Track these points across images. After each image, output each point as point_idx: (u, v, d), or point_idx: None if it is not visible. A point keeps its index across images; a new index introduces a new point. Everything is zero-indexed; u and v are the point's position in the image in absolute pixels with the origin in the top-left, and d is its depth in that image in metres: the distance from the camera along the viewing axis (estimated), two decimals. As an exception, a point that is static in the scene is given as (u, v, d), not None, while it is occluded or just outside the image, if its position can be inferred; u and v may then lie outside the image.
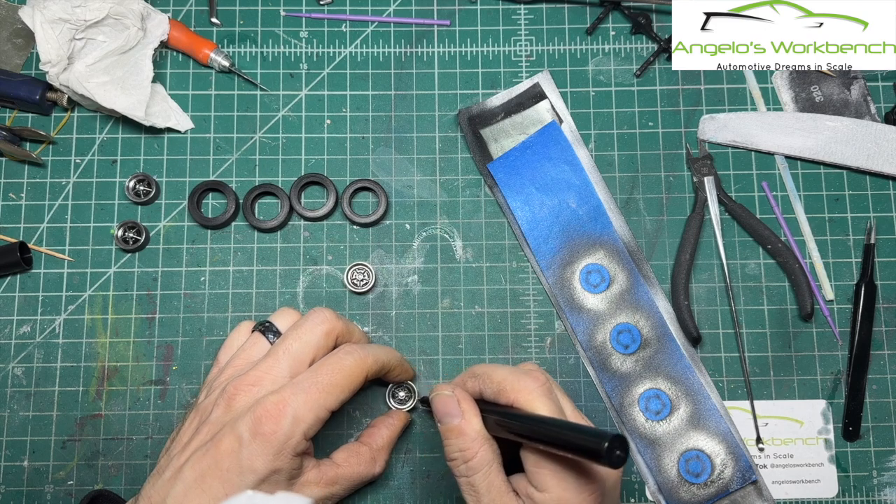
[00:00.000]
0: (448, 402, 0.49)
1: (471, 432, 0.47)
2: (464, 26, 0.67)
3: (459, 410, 0.48)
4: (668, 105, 0.66)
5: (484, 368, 0.50)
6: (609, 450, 0.39)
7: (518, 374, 0.48)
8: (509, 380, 0.47)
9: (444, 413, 0.49)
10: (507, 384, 0.47)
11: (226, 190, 0.64)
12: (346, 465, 0.54)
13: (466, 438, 0.47)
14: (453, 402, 0.48)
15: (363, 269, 0.63)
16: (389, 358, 0.55)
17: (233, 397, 0.49)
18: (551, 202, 0.64)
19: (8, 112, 0.66)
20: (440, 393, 0.50)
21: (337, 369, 0.50)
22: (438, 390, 0.50)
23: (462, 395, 0.49)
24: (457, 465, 0.48)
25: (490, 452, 0.47)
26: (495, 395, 0.48)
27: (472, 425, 0.48)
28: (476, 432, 0.47)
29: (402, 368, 0.57)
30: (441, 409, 0.49)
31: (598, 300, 0.62)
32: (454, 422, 0.48)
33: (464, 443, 0.47)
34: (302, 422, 0.47)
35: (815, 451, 0.61)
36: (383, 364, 0.54)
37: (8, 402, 0.61)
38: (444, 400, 0.49)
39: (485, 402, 0.49)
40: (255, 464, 0.47)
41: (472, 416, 0.48)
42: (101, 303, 0.63)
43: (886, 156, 0.64)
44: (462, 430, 0.48)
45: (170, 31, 0.65)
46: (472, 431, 0.47)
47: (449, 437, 0.48)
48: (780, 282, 0.63)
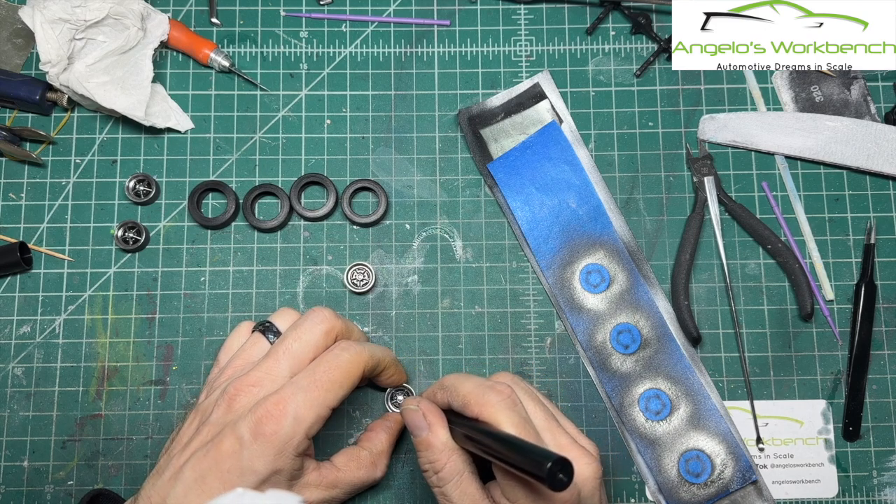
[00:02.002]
0: (414, 415, 0.50)
1: (437, 444, 0.49)
2: (464, 26, 0.67)
3: (426, 423, 0.49)
4: (668, 105, 0.66)
5: (452, 380, 0.51)
6: (551, 472, 0.40)
7: (483, 388, 0.48)
8: (474, 393, 0.48)
9: (413, 426, 0.50)
10: (471, 398, 0.48)
11: (226, 190, 0.64)
12: (346, 468, 0.54)
13: (434, 450, 0.48)
14: (419, 416, 0.50)
15: (363, 269, 0.63)
16: (384, 356, 0.55)
17: (233, 398, 0.49)
18: (551, 202, 0.64)
19: (8, 112, 0.66)
20: (407, 407, 0.51)
21: (334, 366, 0.50)
22: (406, 404, 0.51)
23: (427, 407, 0.50)
24: (429, 476, 0.49)
25: (459, 462, 0.48)
26: (461, 407, 0.49)
27: (438, 437, 0.49)
28: (443, 444, 0.49)
29: (396, 370, 0.57)
30: (410, 423, 0.50)
31: (598, 300, 0.62)
32: (422, 434, 0.49)
33: (432, 454, 0.48)
34: (303, 421, 0.47)
35: (815, 451, 0.61)
36: (379, 360, 0.54)
37: (8, 402, 0.61)
38: (410, 414, 0.50)
39: (455, 414, 0.50)
40: (256, 465, 0.47)
41: (438, 429, 0.49)
42: (101, 303, 0.63)
43: (886, 156, 0.64)
44: (429, 443, 0.49)
45: (170, 31, 0.65)
46: (438, 443, 0.49)
47: (419, 449, 0.50)
48: (780, 282, 0.63)
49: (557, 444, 0.49)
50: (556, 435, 0.49)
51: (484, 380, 0.50)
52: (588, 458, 0.48)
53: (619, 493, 0.60)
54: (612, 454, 0.61)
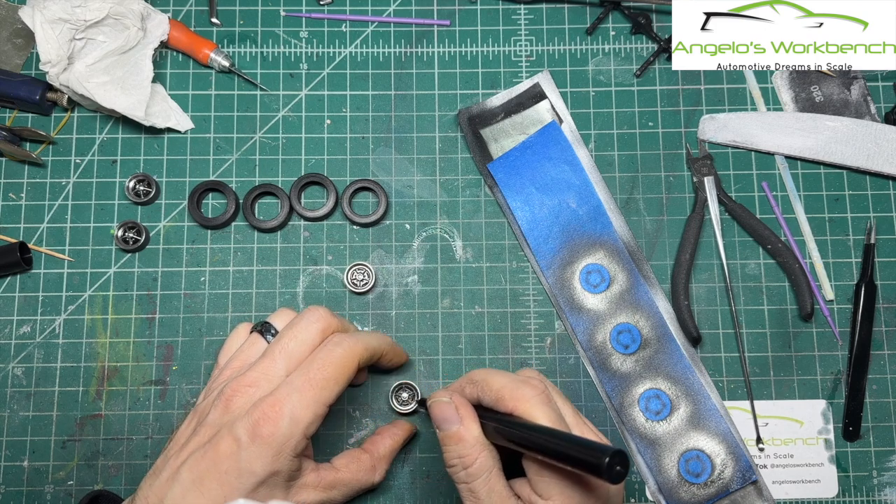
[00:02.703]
0: (446, 408, 0.48)
1: (469, 439, 0.47)
2: (464, 26, 0.67)
3: (458, 417, 0.48)
4: (668, 105, 0.66)
5: (483, 374, 0.49)
6: (609, 465, 0.39)
7: (517, 382, 0.48)
8: (508, 387, 0.47)
9: (442, 419, 0.48)
10: (505, 392, 0.47)
11: (226, 190, 0.64)
12: (345, 470, 0.54)
13: (465, 445, 0.47)
14: (451, 409, 0.48)
15: (363, 269, 0.63)
16: (380, 343, 0.54)
17: (230, 399, 0.49)
18: (551, 202, 0.64)
19: (8, 112, 0.66)
20: (438, 399, 0.49)
21: (328, 362, 0.49)
22: (436, 396, 0.50)
23: (460, 401, 0.49)
24: (456, 471, 0.48)
25: (490, 458, 0.47)
26: (494, 402, 0.48)
27: (470, 432, 0.47)
28: (475, 439, 0.47)
29: (395, 352, 0.57)
30: (439, 416, 0.49)
31: (598, 300, 0.62)
32: (452, 428, 0.48)
33: (463, 449, 0.47)
34: (301, 421, 0.47)
35: (815, 451, 0.61)
36: (374, 350, 0.53)
37: (8, 402, 0.61)
38: (441, 406, 0.49)
39: (483, 409, 0.49)
40: (253, 466, 0.46)
41: (470, 423, 0.48)
42: (101, 303, 0.63)
43: (886, 156, 0.64)
44: (461, 437, 0.47)
45: (170, 31, 0.65)
46: (470, 438, 0.47)
47: (448, 443, 0.48)
48: (780, 282, 0.63)
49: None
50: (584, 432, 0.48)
51: (514, 375, 0.49)
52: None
53: (619, 493, 0.60)
54: (612, 454, 0.61)
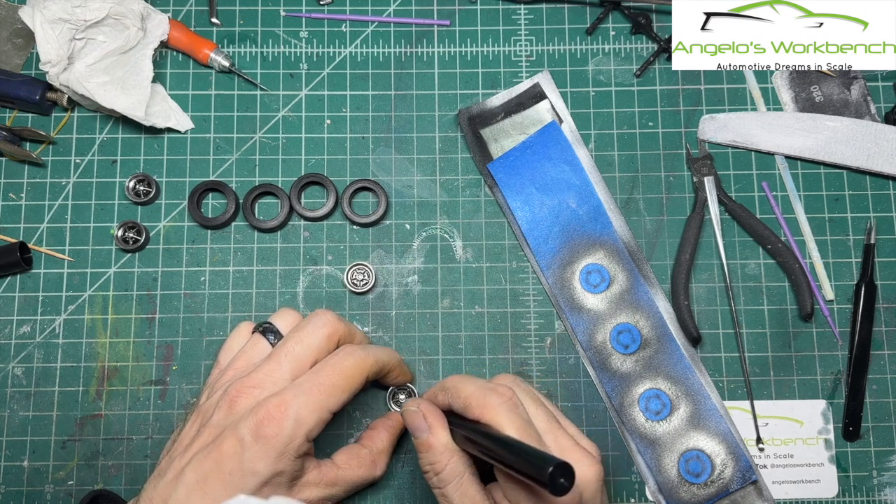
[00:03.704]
0: (415, 417, 0.50)
1: (438, 446, 0.48)
2: (464, 26, 0.67)
3: (426, 425, 0.49)
4: (668, 105, 0.66)
5: (454, 381, 0.50)
6: (552, 477, 0.40)
7: (484, 390, 0.48)
8: (475, 395, 0.48)
9: (413, 428, 0.50)
10: (472, 400, 0.48)
11: (226, 190, 0.64)
12: (346, 467, 0.54)
13: (434, 452, 0.48)
14: (419, 417, 0.50)
15: (363, 269, 0.63)
16: (389, 359, 0.55)
17: (234, 400, 0.49)
18: (551, 202, 0.64)
19: (8, 112, 0.66)
20: (407, 409, 0.51)
21: (338, 370, 0.50)
22: (406, 406, 0.51)
23: (427, 409, 0.50)
24: (429, 477, 0.49)
25: (460, 464, 0.48)
26: (462, 410, 0.49)
27: (438, 439, 0.49)
28: (443, 445, 0.48)
29: (401, 370, 0.57)
30: (410, 425, 0.50)
31: (598, 300, 0.62)
32: (423, 436, 0.49)
33: (432, 456, 0.48)
34: (304, 424, 0.47)
35: (815, 451, 0.61)
36: (383, 365, 0.54)
37: (8, 402, 0.61)
38: (410, 415, 0.50)
39: (456, 416, 0.50)
40: (257, 466, 0.47)
41: (438, 430, 0.49)
42: (101, 303, 0.63)
43: (886, 156, 0.64)
44: (430, 444, 0.49)
45: (170, 31, 0.65)
46: (438, 445, 0.48)
47: (420, 450, 0.50)
48: (780, 282, 0.63)
49: (559, 447, 0.49)
50: (558, 437, 0.49)
51: (486, 382, 0.50)
52: (589, 459, 0.48)
53: (619, 493, 0.60)
54: (612, 454, 0.61)
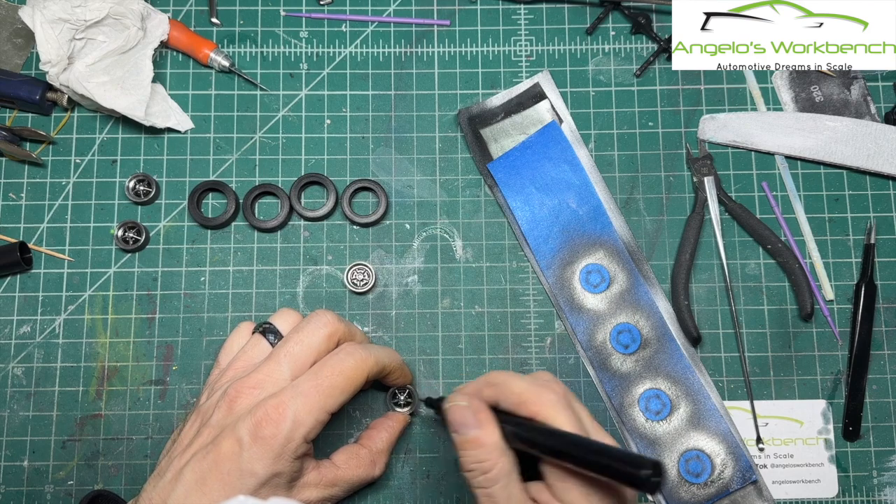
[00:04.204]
0: (464, 412, 0.47)
1: (489, 443, 0.45)
2: (464, 26, 0.67)
3: (476, 421, 0.46)
4: (668, 105, 0.66)
5: (502, 377, 0.48)
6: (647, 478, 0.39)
7: (538, 386, 0.46)
8: (530, 391, 0.46)
9: (460, 423, 0.47)
10: (527, 396, 0.46)
11: (226, 190, 0.64)
12: (345, 467, 0.54)
13: (484, 450, 0.45)
14: (469, 413, 0.46)
15: (363, 269, 0.63)
16: (391, 360, 0.54)
17: (234, 400, 0.49)
18: (551, 202, 0.64)
19: (8, 112, 0.66)
20: (456, 403, 0.47)
21: (338, 371, 0.49)
22: (454, 399, 0.48)
23: (479, 405, 0.47)
24: (474, 476, 0.46)
25: (509, 463, 0.46)
26: (514, 406, 0.47)
27: (490, 436, 0.46)
28: (494, 443, 0.46)
29: (402, 372, 0.57)
30: (457, 420, 0.47)
31: (598, 300, 0.62)
32: (470, 433, 0.46)
33: (482, 454, 0.46)
34: (302, 425, 0.47)
35: (815, 451, 0.61)
36: (384, 366, 0.53)
37: (8, 402, 0.61)
38: (460, 410, 0.47)
39: (500, 412, 0.48)
40: (255, 467, 0.46)
41: (490, 427, 0.46)
42: (101, 303, 0.63)
43: (886, 156, 0.64)
44: (480, 442, 0.46)
45: (170, 31, 0.65)
46: (490, 443, 0.45)
47: (466, 447, 0.46)
48: (780, 282, 0.63)
49: None
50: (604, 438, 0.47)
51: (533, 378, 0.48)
52: None
53: (619, 493, 0.60)
54: (612, 454, 0.61)
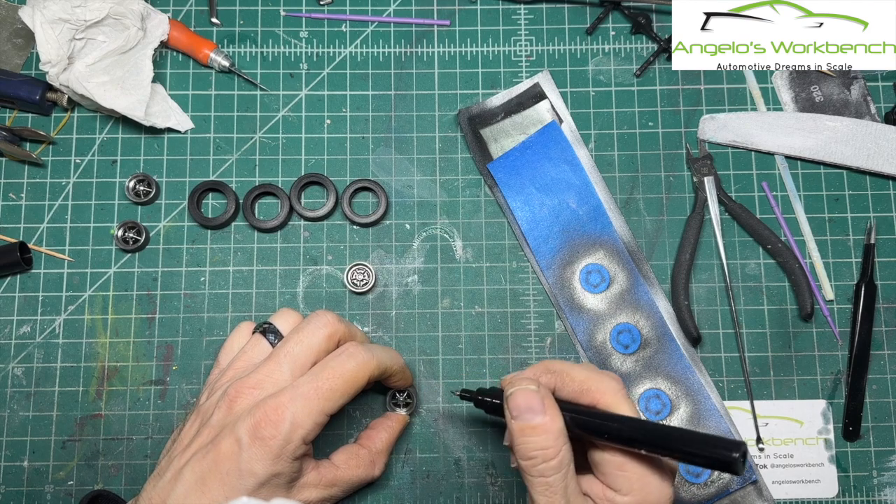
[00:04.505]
0: (532, 397, 0.46)
1: (555, 430, 0.45)
2: (464, 26, 0.67)
3: (542, 406, 0.45)
4: (668, 105, 0.66)
5: (561, 365, 0.48)
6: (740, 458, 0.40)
7: (600, 374, 0.47)
8: (593, 379, 0.46)
9: (525, 409, 0.45)
10: (590, 384, 0.46)
11: (226, 190, 0.64)
12: (345, 467, 0.54)
13: (549, 436, 0.45)
14: (537, 398, 0.45)
15: (363, 269, 0.63)
16: (392, 362, 0.54)
17: (234, 400, 0.49)
18: (551, 202, 0.64)
19: (8, 112, 0.66)
20: (523, 387, 0.46)
21: (338, 373, 0.49)
22: (519, 384, 0.47)
23: (545, 391, 0.46)
24: (535, 464, 0.45)
25: (569, 452, 0.45)
26: (576, 394, 0.46)
27: (556, 423, 0.45)
28: (559, 430, 0.45)
29: (403, 374, 0.56)
30: (522, 405, 0.46)
31: (598, 300, 0.62)
32: (536, 419, 0.45)
33: (546, 440, 0.45)
34: (301, 427, 0.47)
35: (815, 451, 0.61)
36: (386, 368, 0.53)
37: (8, 402, 0.61)
38: (527, 395, 0.46)
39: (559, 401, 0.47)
40: (254, 467, 0.46)
41: (555, 413, 0.45)
42: (101, 303, 0.63)
43: (886, 156, 0.64)
44: (546, 428, 0.45)
45: (170, 31, 0.65)
46: (555, 429, 0.45)
47: (528, 434, 0.45)
48: (780, 282, 0.63)
49: None
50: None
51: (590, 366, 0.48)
52: None
53: (619, 493, 0.60)
54: (612, 454, 0.61)
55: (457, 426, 0.61)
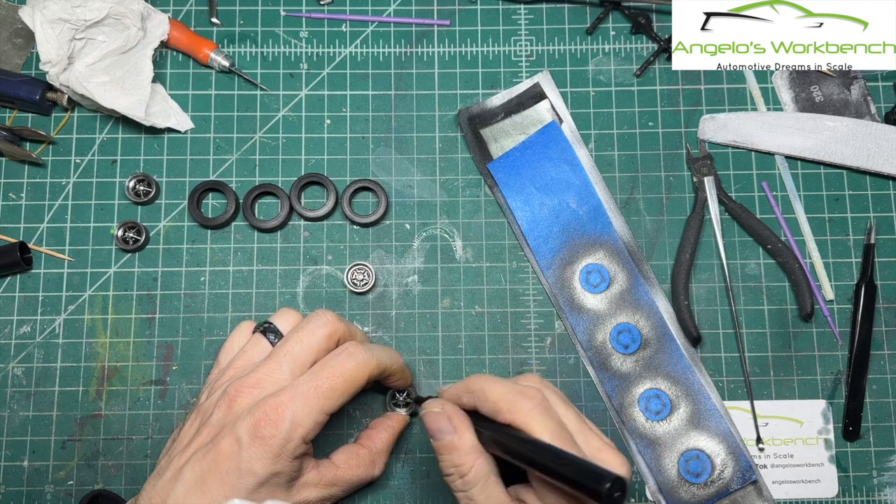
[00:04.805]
0: (438, 418, 0.48)
1: (464, 447, 0.47)
2: (464, 26, 0.67)
3: (451, 427, 0.48)
4: (668, 105, 0.66)
5: (481, 384, 0.49)
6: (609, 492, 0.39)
7: (514, 393, 0.47)
8: (505, 399, 0.47)
9: (435, 430, 0.48)
10: (502, 404, 0.47)
11: (226, 190, 0.64)
12: (345, 466, 0.54)
13: (460, 453, 0.47)
14: (444, 419, 0.48)
15: (363, 269, 0.63)
16: (392, 362, 0.54)
17: (234, 399, 0.49)
18: (551, 202, 0.64)
19: (8, 112, 0.66)
20: (430, 410, 0.49)
21: (338, 373, 0.49)
22: (428, 406, 0.50)
23: (452, 410, 0.49)
24: (453, 480, 0.47)
25: (486, 465, 0.47)
26: (491, 413, 0.47)
27: (464, 440, 0.47)
28: (469, 447, 0.47)
29: (403, 374, 0.56)
30: (432, 426, 0.48)
31: (598, 300, 0.62)
32: (446, 438, 0.48)
33: (458, 458, 0.47)
34: (300, 426, 0.47)
35: (815, 451, 0.61)
36: (385, 368, 0.53)
37: (8, 402, 0.61)
38: (433, 417, 0.49)
39: (480, 417, 0.49)
40: (254, 467, 0.46)
41: (464, 431, 0.47)
42: (101, 303, 0.63)
43: (886, 156, 0.64)
44: (455, 446, 0.47)
45: (170, 31, 0.65)
46: (464, 447, 0.47)
47: (442, 452, 0.48)
48: (780, 282, 0.63)
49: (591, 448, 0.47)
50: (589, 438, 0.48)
51: (513, 383, 0.49)
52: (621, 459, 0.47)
53: (619, 493, 0.60)
54: (612, 454, 0.61)
55: (457, 426, 0.61)
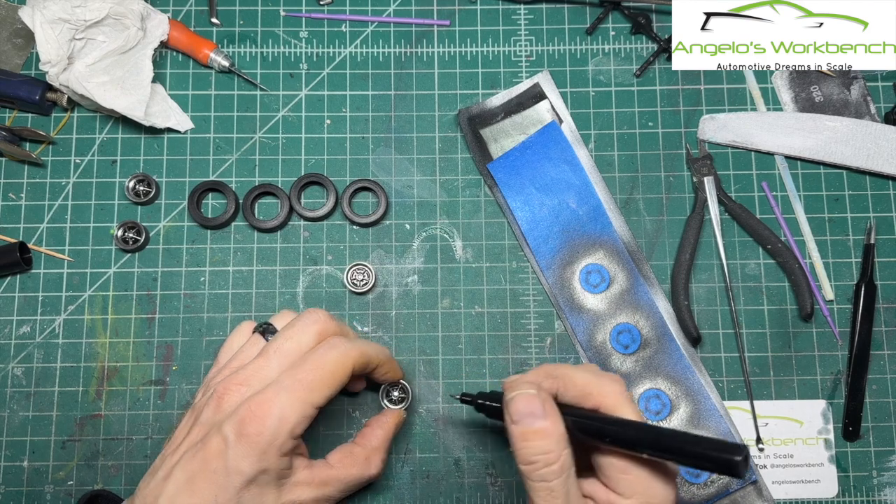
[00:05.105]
0: (533, 401, 0.45)
1: (556, 435, 0.45)
2: (464, 26, 0.67)
3: (544, 411, 0.45)
4: (668, 105, 0.66)
5: (562, 370, 0.47)
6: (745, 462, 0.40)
7: (601, 378, 0.46)
8: (594, 383, 0.46)
9: (526, 413, 0.45)
10: (592, 388, 0.46)
11: (226, 190, 0.64)
12: (339, 465, 0.53)
13: (551, 441, 0.45)
14: (538, 403, 0.45)
15: (363, 269, 0.63)
16: (377, 353, 0.53)
17: (222, 397, 0.49)
18: (551, 202, 0.64)
19: (8, 112, 0.66)
20: (524, 391, 0.46)
21: (319, 364, 0.49)
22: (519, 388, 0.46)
23: (545, 395, 0.46)
24: (536, 468, 0.45)
25: (570, 457, 0.45)
26: (578, 398, 0.46)
27: (557, 427, 0.45)
28: (560, 435, 0.45)
29: (391, 366, 0.56)
30: (523, 409, 0.46)
31: (598, 300, 0.62)
32: (537, 423, 0.45)
33: (547, 445, 0.45)
34: (287, 421, 0.47)
35: (815, 451, 0.61)
36: (370, 358, 0.52)
37: (8, 402, 0.61)
38: (528, 399, 0.46)
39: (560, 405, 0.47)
40: (241, 465, 0.46)
41: (556, 418, 0.45)
42: (101, 303, 0.63)
43: (886, 156, 0.64)
44: (547, 432, 0.45)
45: (170, 31, 0.65)
46: (557, 434, 0.45)
47: (530, 438, 0.45)
48: (780, 282, 0.63)
49: None
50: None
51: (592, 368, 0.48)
52: None
53: (619, 493, 0.60)
54: (612, 454, 0.61)
55: (456, 426, 0.61)
